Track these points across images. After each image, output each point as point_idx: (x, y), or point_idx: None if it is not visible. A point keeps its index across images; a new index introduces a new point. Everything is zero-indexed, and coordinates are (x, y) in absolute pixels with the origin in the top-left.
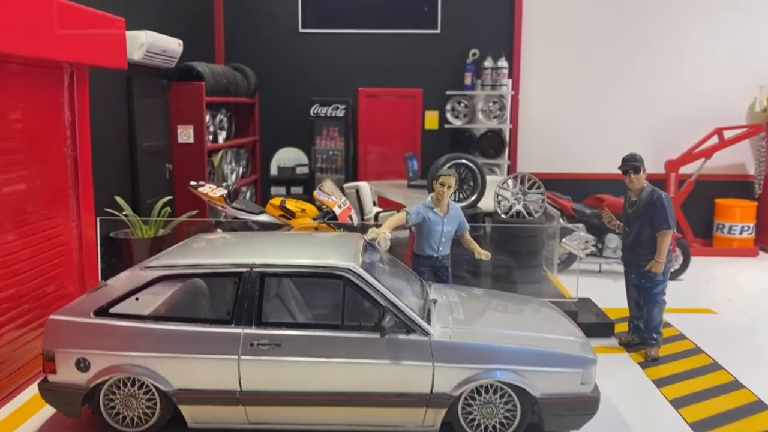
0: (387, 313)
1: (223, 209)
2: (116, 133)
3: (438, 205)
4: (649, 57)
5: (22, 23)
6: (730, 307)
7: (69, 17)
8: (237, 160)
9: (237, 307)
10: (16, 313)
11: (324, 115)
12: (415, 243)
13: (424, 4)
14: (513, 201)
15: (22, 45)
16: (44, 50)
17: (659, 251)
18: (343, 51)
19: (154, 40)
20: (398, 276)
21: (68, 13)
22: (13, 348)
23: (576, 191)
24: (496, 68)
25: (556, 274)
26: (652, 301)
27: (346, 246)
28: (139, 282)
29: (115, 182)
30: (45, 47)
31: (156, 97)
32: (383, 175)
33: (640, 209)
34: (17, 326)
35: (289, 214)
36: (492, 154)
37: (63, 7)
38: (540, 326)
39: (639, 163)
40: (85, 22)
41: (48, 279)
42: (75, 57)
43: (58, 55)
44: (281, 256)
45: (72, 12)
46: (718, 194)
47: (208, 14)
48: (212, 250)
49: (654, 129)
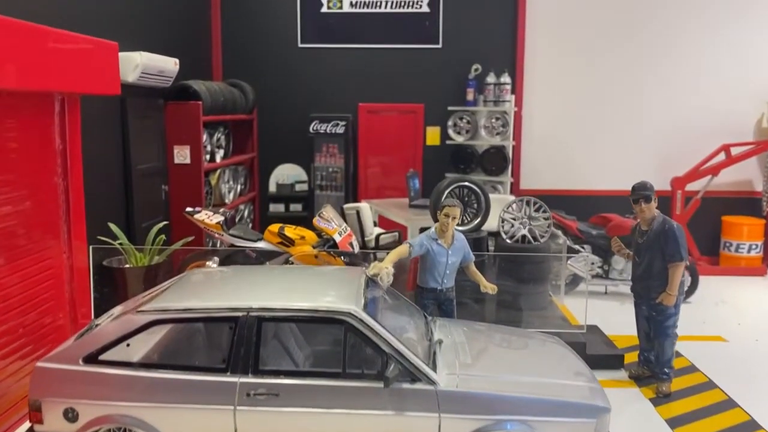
0: (391, 361)
1: (220, 237)
2: (110, 157)
3: (442, 237)
4: (655, 72)
5: (8, 58)
6: (740, 334)
7: (59, 46)
8: (235, 177)
9: (233, 353)
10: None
11: (324, 131)
12: (419, 275)
13: (425, 19)
14: (518, 225)
15: (8, 80)
16: (33, 83)
17: (671, 284)
18: (343, 66)
19: (149, 61)
20: (402, 314)
21: (58, 41)
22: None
23: (580, 208)
24: (499, 84)
25: (562, 300)
26: (664, 334)
27: (347, 284)
28: (130, 327)
29: (109, 206)
30: (34, 80)
31: (151, 118)
32: (384, 191)
33: (651, 239)
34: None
35: (287, 241)
36: (495, 171)
37: (52, 36)
38: (551, 370)
39: (650, 191)
40: (76, 49)
41: (38, 312)
42: (65, 86)
43: (48, 86)
44: (279, 297)
45: (62, 40)
46: (724, 211)
47: (206, 30)
48: (207, 290)
49: (659, 145)
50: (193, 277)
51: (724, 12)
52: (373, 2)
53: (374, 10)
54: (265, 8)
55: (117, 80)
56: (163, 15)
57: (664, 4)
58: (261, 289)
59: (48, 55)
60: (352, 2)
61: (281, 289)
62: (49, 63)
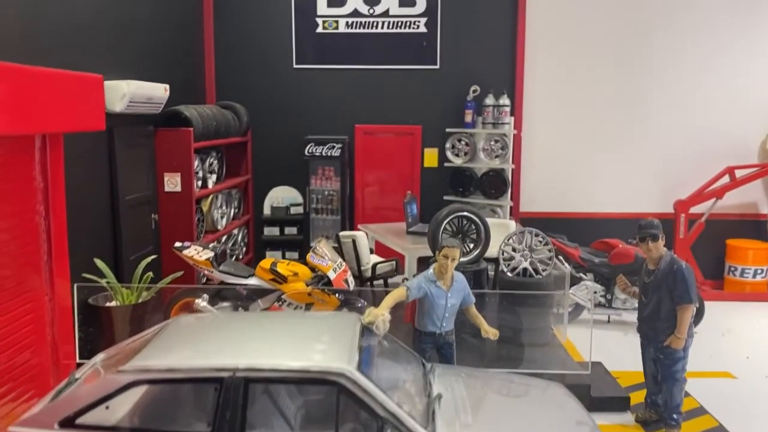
0: (387, 425)
1: (210, 273)
2: (96, 189)
3: (441, 278)
4: (657, 94)
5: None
6: (749, 369)
7: (38, 86)
8: (228, 202)
9: (218, 417)
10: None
11: (319, 154)
12: (416, 318)
13: (422, 39)
14: (519, 258)
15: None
16: (8, 129)
17: (679, 327)
18: (339, 87)
19: (137, 90)
20: (399, 365)
21: (36, 80)
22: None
23: (582, 232)
24: (498, 106)
25: (565, 331)
26: (672, 378)
27: (341, 334)
28: (109, 389)
29: (96, 240)
30: (9, 126)
31: (141, 146)
32: (381, 213)
33: (659, 279)
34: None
35: (280, 278)
36: (494, 194)
37: (29, 75)
38: (551, 423)
39: (657, 230)
40: (57, 87)
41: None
42: (46, 128)
43: (26, 131)
44: (268, 354)
45: (41, 78)
46: (728, 234)
47: (199, 53)
48: (192, 343)
49: (662, 167)
50: (178, 326)
51: (727, 34)
52: (370, 22)
53: (371, 31)
54: (259, 29)
55: (102, 116)
56: (154, 39)
57: (667, 26)
58: (249, 343)
59: (26, 97)
60: (348, 22)
61: (270, 341)
62: (27, 105)
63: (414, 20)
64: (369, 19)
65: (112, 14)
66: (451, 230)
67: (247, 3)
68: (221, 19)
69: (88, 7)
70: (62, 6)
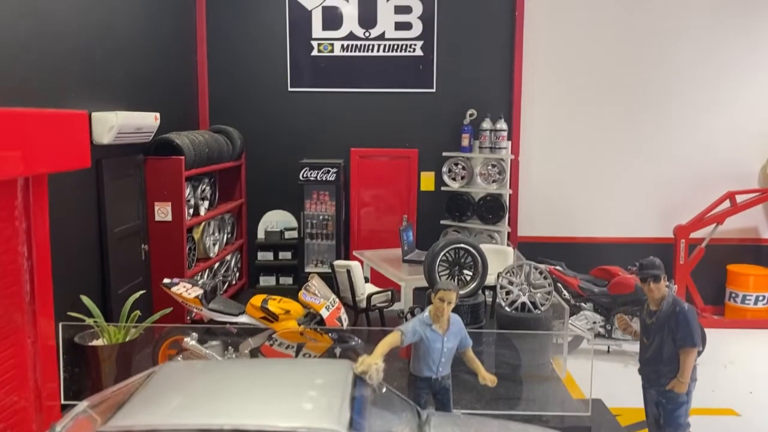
0: None
1: (199, 311)
2: (84, 223)
3: (437, 322)
4: (656, 118)
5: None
6: (753, 405)
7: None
8: (221, 227)
9: None
10: None
11: (314, 179)
12: (411, 363)
13: (419, 63)
14: (517, 292)
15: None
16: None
17: (682, 371)
18: (334, 110)
19: (125, 120)
20: (393, 414)
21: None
22: None
23: (580, 257)
24: (495, 130)
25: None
26: (674, 424)
27: (332, 388)
28: None
29: (83, 275)
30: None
31: (130, 176)
32: (377, 237)
33: (661, 321)
34: None
35: (271, 316)
36: (491, 219)
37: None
38: None
39: (659, 270)
40: (41, 128)
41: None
42: (28, 171)
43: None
44: (255, 413)
45: (24, 120)
46: (729, 259)
47: (192, 77)
48: (177, 397)
49: (662, 192)
50: (164, 376)
51: (727, 58)
52: (366, 45)
53: (366, 54)
54: (254, 52)
55: (87, 154)
56: (145, 66)
57: (666, 50)
58: (236, 398)
59: (7, 140)
60: (344, 45)
61: (258, 397)
62: (8, 148)
63: (410, 43)
64: (365, 42)
65: (101, 42)
66: (448, 262)
67: (242, 26)
68: (215, 43)
69: (75, 36)
70: (48, 37)
